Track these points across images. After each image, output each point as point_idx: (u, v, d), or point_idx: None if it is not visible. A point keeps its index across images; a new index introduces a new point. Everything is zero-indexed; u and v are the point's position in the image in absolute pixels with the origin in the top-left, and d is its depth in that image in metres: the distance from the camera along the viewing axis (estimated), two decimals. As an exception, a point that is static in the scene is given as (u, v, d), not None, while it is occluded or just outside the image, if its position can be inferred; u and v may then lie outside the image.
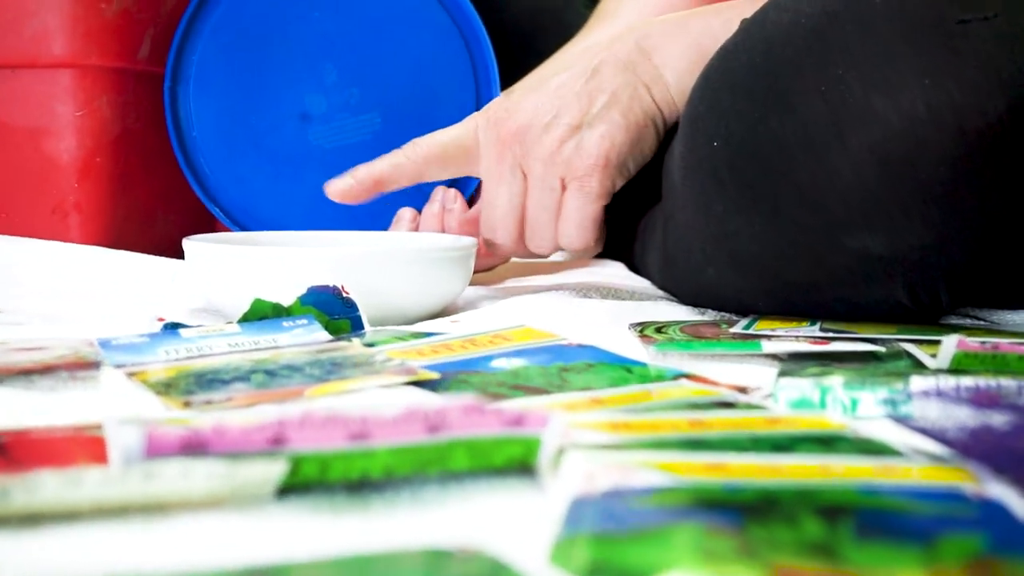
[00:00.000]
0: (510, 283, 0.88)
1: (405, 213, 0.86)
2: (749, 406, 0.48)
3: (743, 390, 0.51)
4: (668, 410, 0.47)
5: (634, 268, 1.02)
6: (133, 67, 0.87)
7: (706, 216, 0.67)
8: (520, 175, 0.75)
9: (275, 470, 0.34)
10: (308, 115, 0.85)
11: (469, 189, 0.90)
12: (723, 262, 0.68)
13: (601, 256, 1.09)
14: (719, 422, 0.44)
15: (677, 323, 0.67)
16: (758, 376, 0.54)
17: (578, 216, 0.75)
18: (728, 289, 0.71)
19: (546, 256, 0.79)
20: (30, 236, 0.85)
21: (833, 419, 0.45)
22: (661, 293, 0.82)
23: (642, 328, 0.65)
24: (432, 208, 0.85)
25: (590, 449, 0.40)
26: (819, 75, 0.60)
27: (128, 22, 0.85)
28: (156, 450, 0.33)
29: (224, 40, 0.84)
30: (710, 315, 0.73)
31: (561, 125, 0.73)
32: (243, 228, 0.87)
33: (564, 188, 0.75)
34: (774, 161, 0.62)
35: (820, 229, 0.62)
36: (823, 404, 0.48)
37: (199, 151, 0.83)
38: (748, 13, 0.70)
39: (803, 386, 0.48)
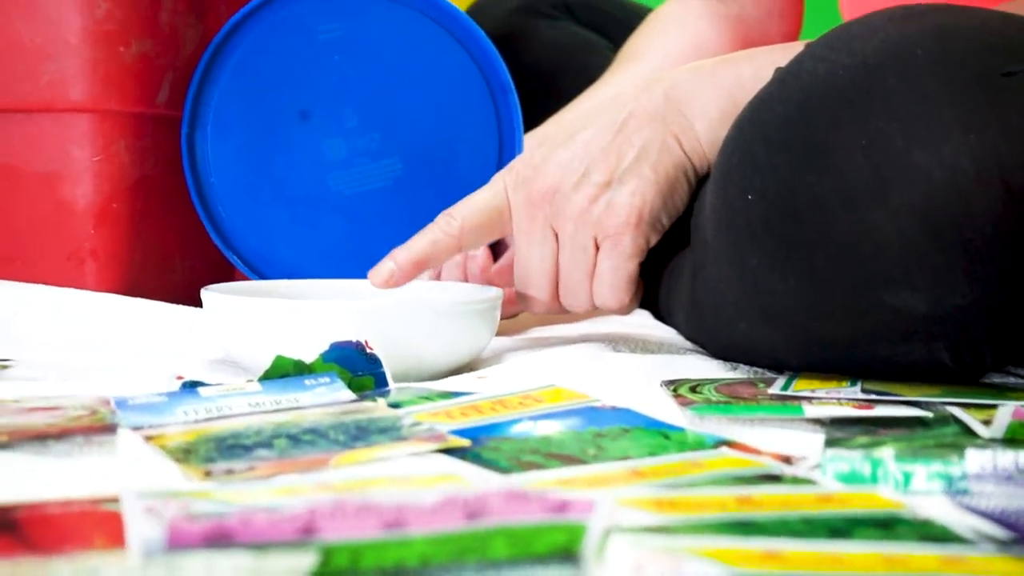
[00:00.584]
0: (534, 332, 0.86)
1: None
2: (796, 480, 0.46)
3: (788, 460, 0.49)
4: (712, 484, 0.44)
5: (658, 315, 1.00)
6: (152, 111, 0.85)
7: (739, 270, 0.65)
8: (552, 235, 0.73)
9: (305, 562, 0.32)
10: (327, 160, 0.83)
11: None
12: (756, 317, 0.66)
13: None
14: (768, 500, 0.42)
15: (711, 381, 0.65)
16: (802, 444, 0.52)
17: (612, 276, 0.73)
18: (760, 344, 0.68)
19: (581, 312, 0.77)
20: (44, 283, 0.83)
21: (887, 496, 0.43)
22: (690, 345, 0.80)
23: (675, 387, 0.63)
24: None
25: (636, 532, 0.37)
26: (859, 129, 0.58)
27: (147, 66, 0.84)
28: (178, 542, 0.31)
29: (243, 85, 0.82)
30: (742, 370, 0.71)
31: (591, 183, 0.71)
32: (261, 275, 0.85)
33: (597, 247, 0.73)
34: (811, 216, 0.60)
35: (858, 286, 0.60)
36: (874, 478, 0.45)
37: (217, 197, 0.81)
38: (780, 60, 0.68)
39: (852, 458, 0.46)
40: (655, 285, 1.02)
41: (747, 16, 0.98)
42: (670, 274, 0.98)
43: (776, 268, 0.63)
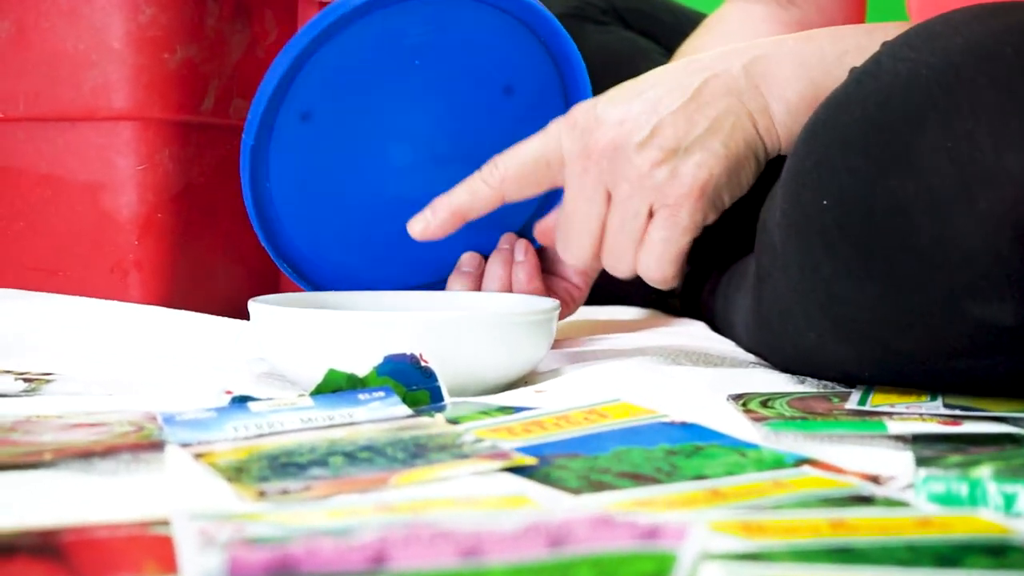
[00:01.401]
0: (588, 344, 0.83)
1: (468, 261, 0.81)
2: (889, 501, 0.43)
3: (876, 480, 0.46)
4: (800, 507, 0.41)
5: (715, 326, 0.97)
6: (197, 119, 0.83)
7: (810, 279, 0.62)
8: (604, 193, 0.69)
9: (375, 593, 0.29)
10: (392, 166, 0.80)
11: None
12: (827, 329, 0.63)
13: (679, 310, 1.05)
14: (863, 524, 0.39)
15: (782, 395, 0.62)
16: (888, 462, 0.49)
17: (662, 248, 0.69)
18: (830, 357, 0.65)
19: (620, 277, 0.73)
20: (88, 296, 0.81)
21: (991, 520, 0.40)
22: (752, 357, 0.77)
23: (744, 401, 0.60)
24: (500, 257, 0.80)
25: (727, 559, 0.35)
26: (944, 131, 0.55)
27: (192, 73, 0.82)
28: (240, 573, 0.29)
29: (320, 90, 0.77)
30: (810, 384, 0.68)
31: (656, 147, 0.67)
32: (311, 282, 0.81)
33: (651, 215, 0.69)
34: (892, 223, 0.57)
35: (941, 297, 0.57)
36: (972, 500, 0.42)
37: (273, 203, 0.76)
38: (866, 46, 0.65)
39: (948, 478, 0.43)
40: (709, 293, 0.99)
41: (808, 23, 0.94)
42: (728, 284, 0.95)
43: (851, 277, 0.60)
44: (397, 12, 0.73)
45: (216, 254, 0.87)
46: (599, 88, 0.94)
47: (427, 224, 0.72)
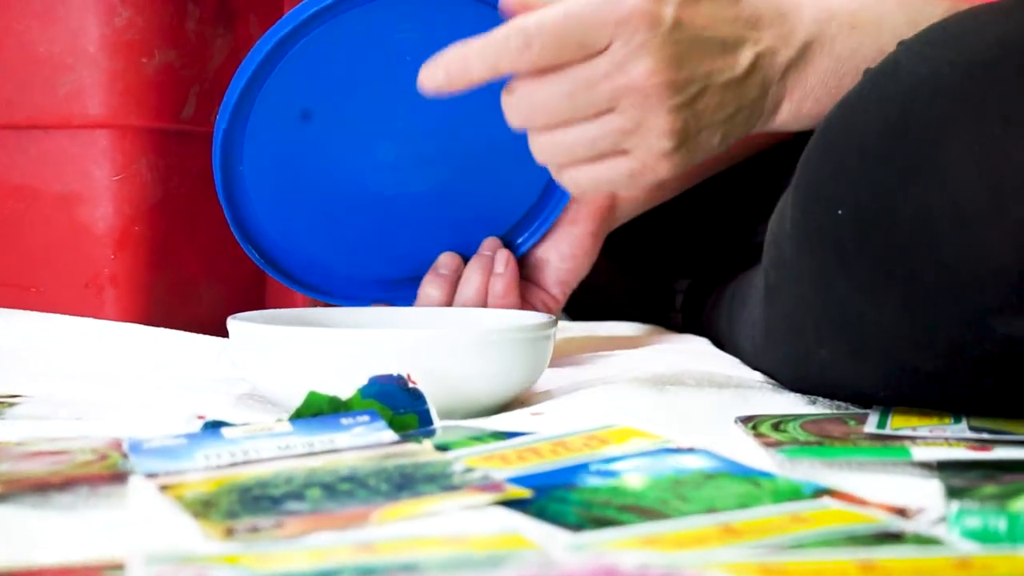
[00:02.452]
0: (587, 363, 0.79)
1: (446, 262, 0.77)
2: (920, 538, 0.39)
3: (903, 513, 0.42)
4: (824, 545, 0.38)
5: (718, 343, 0.94)
6: (176, 127, 0.79)
7: (824, 294, 0.58)
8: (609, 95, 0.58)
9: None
10: (375, 161, 0.76)
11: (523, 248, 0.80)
12: (841, 347, 0.59)
13: (681, 326, 1.01)
14: (896, 566, 0.35)
15: (795, 418, 0.58)
16: (914, 492, 0.45)
17: (625, 173, 0.60)
18: (843, 376, 0.62)
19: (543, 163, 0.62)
20: (61, 312, 0.77)
21: (1036, 560, 0.36)
22: (759, 376, 0.73)
23: (754, 424, 0.57)
24: (479, 264, 0.77)
25: (746, 612, 0.31)
26: (972, 137, 0.51)
27: (171, 79, 0.78)
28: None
29: (305, 81, 0.72)
30: (821, 404, 0.64)
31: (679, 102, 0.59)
32: (283, 272, 0.76)
33: (622, 153, 0.60)
34: (914, 235, 0.53)
35: (968, 314, 0.53)
36: (1013, 536, 0.39)
37: (245, 188, 0.72)
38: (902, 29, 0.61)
39: (984, 512, 0.39)
40: (712, 307, 0.96)
41: None
42: (732, 299, 0.91)
43: (868, 292, 0.56)
44: (387, 6, 0.70)
45: (197, 269, 0.83)
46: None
47: (439, 82, 0.59)
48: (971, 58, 0.52)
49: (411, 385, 0.56)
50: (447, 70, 0.59)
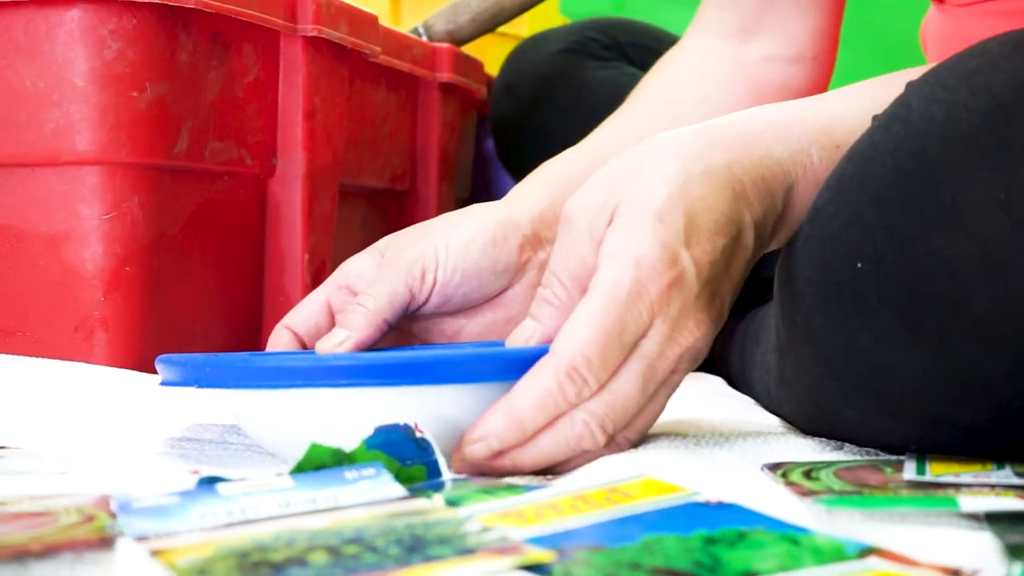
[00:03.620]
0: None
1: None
2: (983, 605, 0.35)
3: (957, 574, 0.38)
4: (879, 616, 0.34)
5: (731, 381, 0.91)
6: (169, 163, 0.76)
7: (847, 352, 0.55)
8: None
9: None
10: None
11: None
12: (869, 403, 0.56)
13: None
14: (963, 640, 0.31)
15: (826, 465, 0.55)
16: (965, 548, 0.42)
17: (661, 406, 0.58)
18: (872, 432, 0.58)
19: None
20: (50, 357, 0.74)
21: (1115, 631, 0.33)
22: (777, 420, 0.70)
23: (784, 471, 0.53)
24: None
25: None
26: (995, 179, 0.48)
27: (163, 113, 0.75)
28: None
29: None
30: (848, 450, 0.61)
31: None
32: None
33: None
34: (940, 286, 0.50)
35: (1003, 366, 0.50)
36: (1084, 601, 0.35)
37: None
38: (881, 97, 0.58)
39: (1050, 574, 0.36)
40: (726, 348, 0.92)
41: (773, 57, 0.86)
42: (744, 336, 0.87)
43: (896, 346, 0.53)
44: None
45: (192, 311, 0.80)
46: (597, 123, 0.87)
47: (476, 451, 0.54)
48: (988, 99, 0.50)
49: (419, 435, 0.53)
50: (500, 438, 0.53)
